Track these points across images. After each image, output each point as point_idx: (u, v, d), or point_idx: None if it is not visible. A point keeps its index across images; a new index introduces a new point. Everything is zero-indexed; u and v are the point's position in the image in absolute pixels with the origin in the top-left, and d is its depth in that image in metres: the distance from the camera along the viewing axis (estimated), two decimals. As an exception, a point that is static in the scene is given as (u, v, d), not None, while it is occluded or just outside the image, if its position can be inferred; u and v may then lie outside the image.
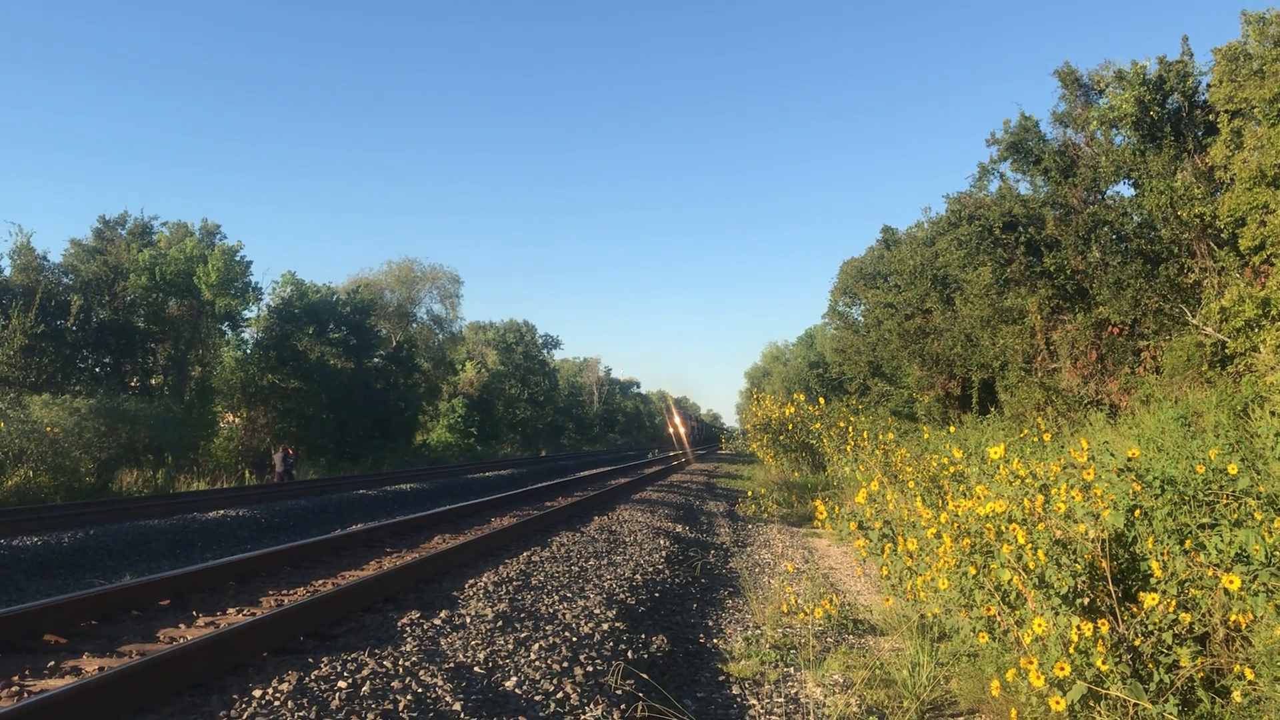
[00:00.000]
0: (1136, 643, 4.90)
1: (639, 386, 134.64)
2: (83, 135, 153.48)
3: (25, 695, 5.64)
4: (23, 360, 26.53)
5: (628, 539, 13.58)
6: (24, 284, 28.03)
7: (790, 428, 27.29)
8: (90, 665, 6.33)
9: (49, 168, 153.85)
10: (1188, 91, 20.82)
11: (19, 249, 29.12)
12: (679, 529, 15.59)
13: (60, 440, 21.99)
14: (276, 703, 5.31)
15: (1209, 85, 19.92)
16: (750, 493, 21.31)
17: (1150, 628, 4.90)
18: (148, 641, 7.09)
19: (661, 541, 13.53)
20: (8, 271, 28.54)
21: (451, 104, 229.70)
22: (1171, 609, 4.87)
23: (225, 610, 8.28)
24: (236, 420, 36.68)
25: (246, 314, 36.94)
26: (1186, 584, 5.10)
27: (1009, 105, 60.49)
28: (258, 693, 5.50)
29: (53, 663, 6.37)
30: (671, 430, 76.25)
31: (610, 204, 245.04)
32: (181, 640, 7.02)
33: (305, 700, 5.35)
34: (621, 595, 9.22)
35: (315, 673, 5.92)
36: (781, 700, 6.52)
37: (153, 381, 32.18)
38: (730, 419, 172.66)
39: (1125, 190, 23.23)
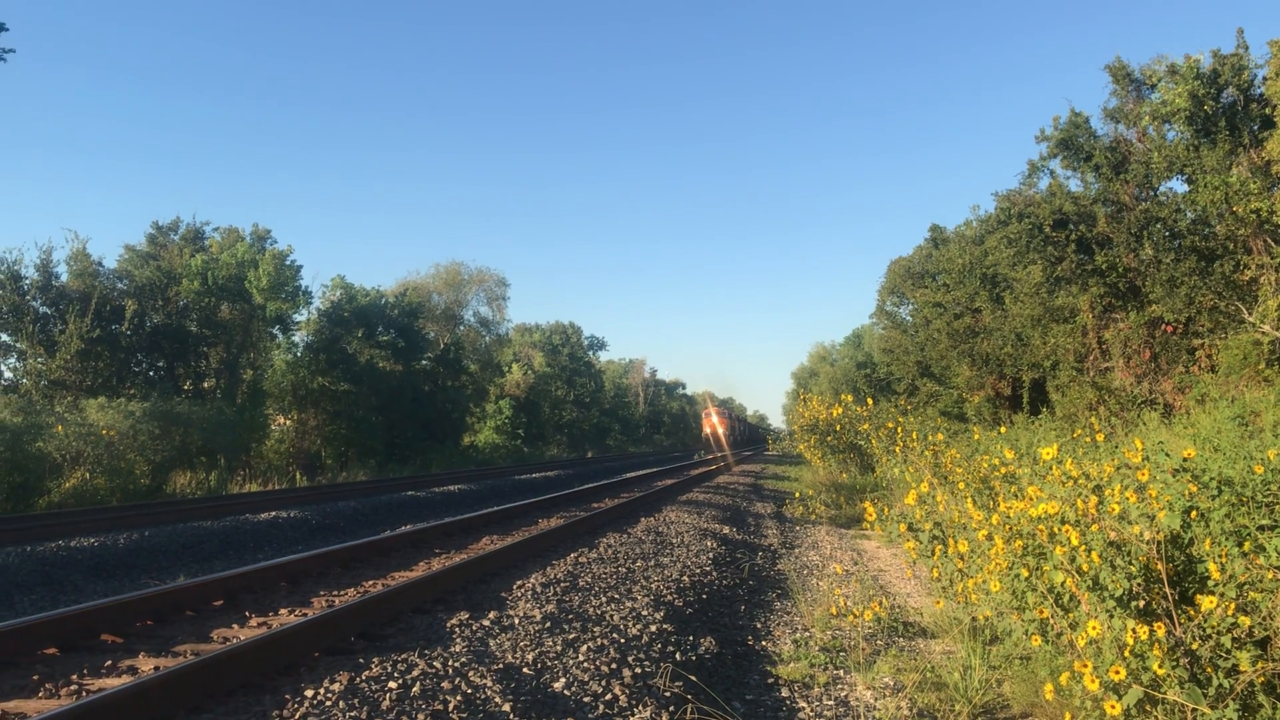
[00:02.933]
0: (1194, 646, 4.81)
1: (684, 388, 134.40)
2: (136, 141, 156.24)
3: (84, 694, 5.74)
4: (79, 364, 27.01)
5: (675, 540, 13.56)
6: (80, 290, 28.53)
7: (838, 429, 27.14)
8: (146, 665, 6.43)
9: (103, 174, 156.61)
10: (1243, 85, 20.46)
11: (75, 255, 29.65)
12: (726, 530, 15.55)
13: (116, 443, 22.34)
14: (328, 703, 5.36)
15: (1265, 78, 19.57)
16: (798, 494, 21.20)
17: (1208, 631, 4.81)
18: (202, 641, 7.19)
19: (708, 543, 13.50)
20: (65, 277, 29.05)
21: (497, 106, 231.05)
22: (1230, 612, 4.78)
23: (277, 611, 8.37)
24: (287, 422, 37.08)
25: (297, 317, 37.34)
26: (1245, 587, 5.00)
27: (1058, 101, 59.77)
28: (310, 693, 5.55)
29: (110, 662, 6.47)
30: (709, 430, 73.83)
31: (656, 204, 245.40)
32: (235, 640, 7.10)
33: (356, 700, 5.39)
34: (669, 597, 9.21)
35: (366, 673, 5.97)
36: (831, 703, 6.48)
37: (205, 385, 32.63)
38: (777, 420, 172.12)
39: (1179, 186, 22.90)
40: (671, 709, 5.81)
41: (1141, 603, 5.14)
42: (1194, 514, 5.51)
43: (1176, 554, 5.58)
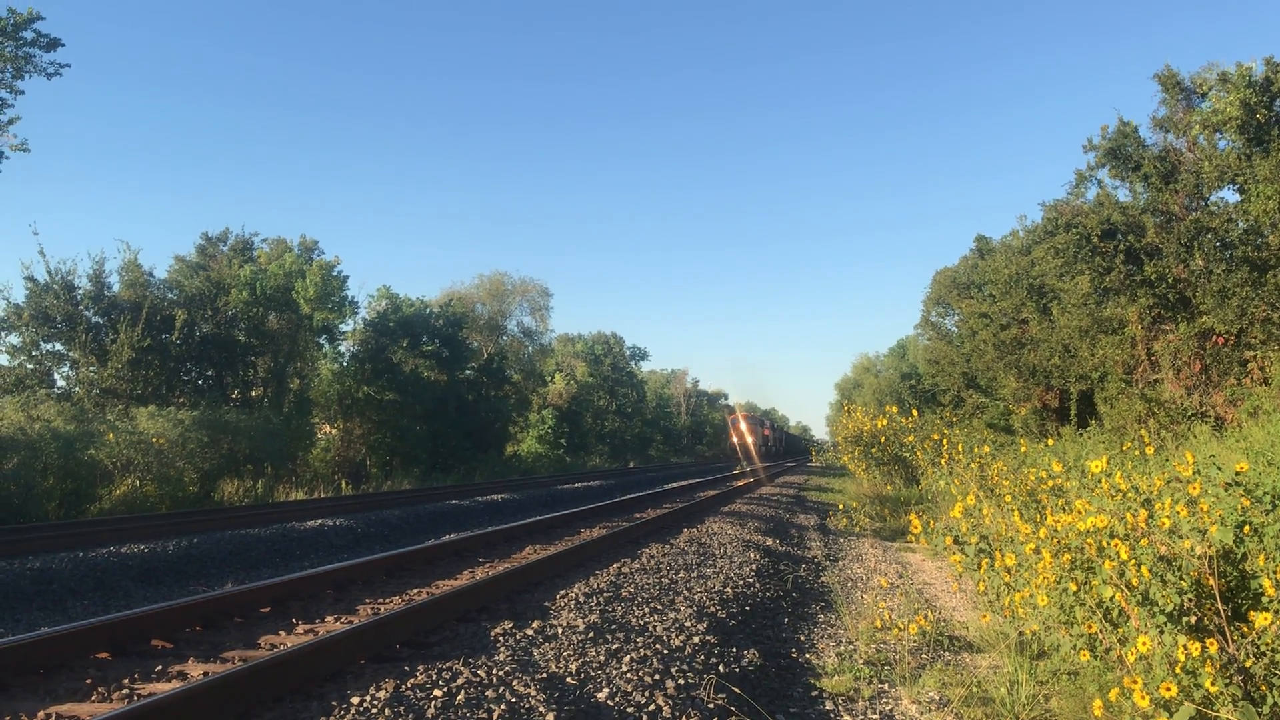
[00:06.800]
0: (1248, 664, 4.73)
1: (727, 398, 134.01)
2: (185, 153, 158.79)
3: (135, 698, 5.83)
4: (130, 373, 27.42)
5: (717, 551, 13.53)
6: (131, 299, 28.98)
7: (882, 440, 26.98)
8: (195, 670, 6.51)
9: (153, 185, 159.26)
10: (1297, 93, 20.12)
11: (127, 266, 30.13)
12: (769, 542, 15.50)
13: (165, 451, 22.65)
14: (374, 710, 5.40)
15: (1320, 86, 19.25)
16: (841, 506, 21.09)
17: (1263, 648, 4.74)
18: (250, 648, 7.27)
19: (751, 554, 13.46)
20: (116, 288, 29.51)
21: (540, 114, 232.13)
22: (1285, 629, 4.70)
23: (324, 618, 8.44)
24: (333, 431, 37.42)
25: (343, 327, 37.72)
26: (1300, 603, 4.92)
27: (1106, 110, 59.12)
28: (356, 700, 5.59)
29: (160, 666, 6.56)
30: (736, 440, 70.22)
31: (698, 213, 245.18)
32: (282, 647, 7.18)
33: (402, 708, 5.43)
34: (712, 608, 9.19)
35: (411, 681, 6.01)
36: (876, 717, 6.43)
37: (253, 393, 33.00)
38: (820, 431, 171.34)
39: (1230, 196, 22.54)
40: (715, 720, 5.80)
41: (1193, 618, 5.06)
42: (1247, 529, 5.43)
43: (1229, 569, 5.50)
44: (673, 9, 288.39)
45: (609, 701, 5.90)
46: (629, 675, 6.47)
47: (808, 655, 8.24)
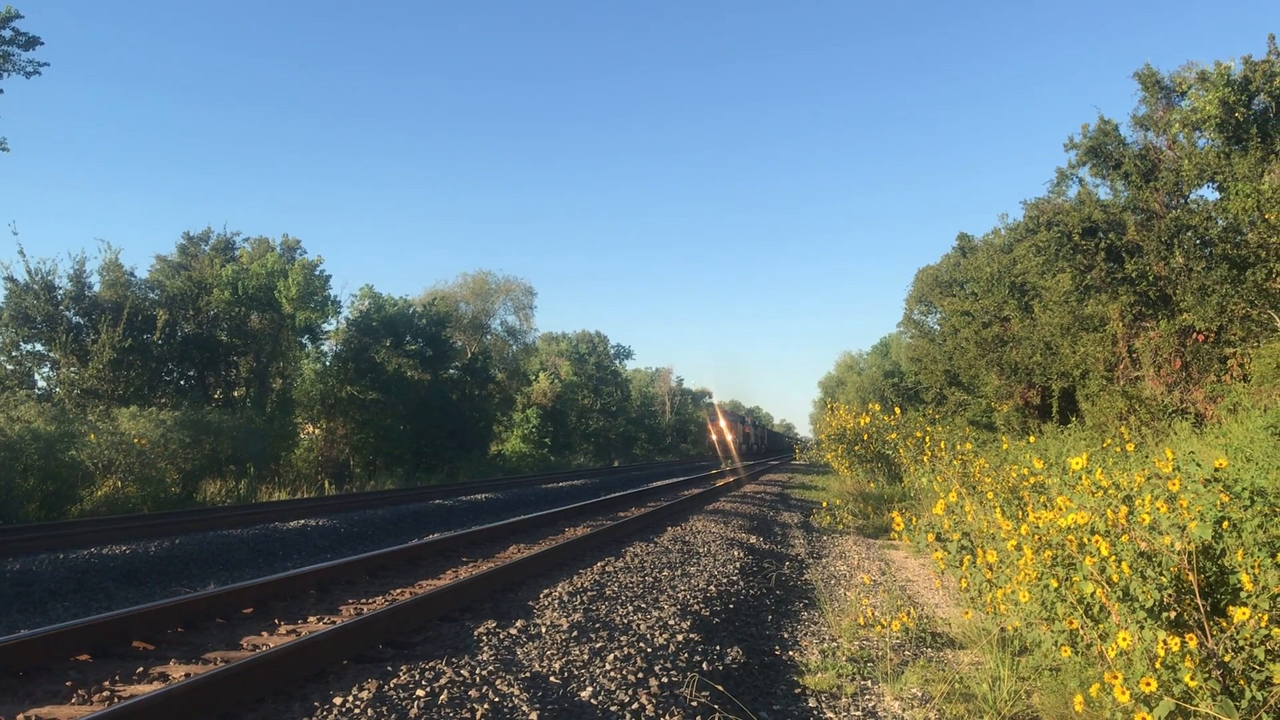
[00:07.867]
0: (1227, 659, 4.76)
1: (711, 397, 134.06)
2: (166, 152, 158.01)
3: (115, 700, 5.79)
4: (111, 374, 27.25)
5: (701, 550, 13.54)
6: (113, 299, 28.80)
7: (865, 438, 27.02)
8: (177, 671, 6.48)
9: (134, 185, 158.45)
10: (1275, 91, 20.27)
11: (107, 265, 29.94)
12: (753, 540, 15.52)
13: (147, 451, 22.52)
14: (357, 710, 5.38)
15: (1297, 85, 19.39)
16: (825, 504, 21.12)
17: (1241, 643, 4.77)
18: (232, 649, 7.24)
19: (735, 552, 13.47)
20: (97, 287, 29.33)
21: (523, 113, 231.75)
22: (1263, 624, 4.73)
23: (306, 618, 8.41)
24: (316, 431, 37.25)
25: (326, 327, 37.52)
26: (1279, 598, 4.95)
27: (1087, 108, 59.39)
28: (338, 700, 5.58)
29: (141, 668, 6.53)
30: (715, 438, 68.61)
31: (682, 211, 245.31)
32: (264, 648, 7.15)
33: (385, 708, 5.42)
34: (695, 606, 9.20)
35: (394, 681, 6.00)
36: (859, 713, 6.45)
37: (235, 394, 32.84)
38: (804, 429, 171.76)
39: (1209, 194, 22.71)
40: (698, 718, 5.81)
41: (1173, 614, 5.09)
42: (1226, 524, 5.46)
43: (1208, 565, 5.53)
44: (658, 8, 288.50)
45: (592, 700, 5.90)
46: (612, 674, 6.47)
47: (791, 653, 8.25)
